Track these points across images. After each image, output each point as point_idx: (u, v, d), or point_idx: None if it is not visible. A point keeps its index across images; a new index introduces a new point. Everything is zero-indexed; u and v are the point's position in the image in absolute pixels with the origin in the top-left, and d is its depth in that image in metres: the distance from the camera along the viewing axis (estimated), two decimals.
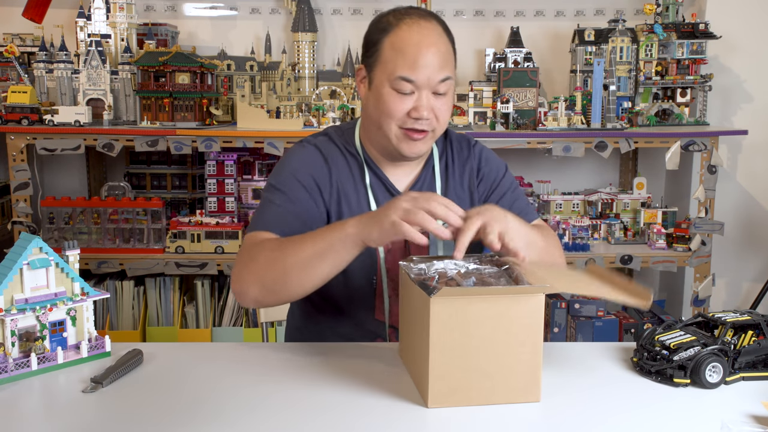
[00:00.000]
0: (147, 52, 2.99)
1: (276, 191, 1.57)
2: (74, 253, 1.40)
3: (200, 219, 3.02)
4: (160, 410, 1.21)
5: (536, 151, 3.21)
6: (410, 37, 1.51)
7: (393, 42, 1.52)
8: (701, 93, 3.29)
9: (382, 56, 1.54)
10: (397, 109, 1.52)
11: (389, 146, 1.58)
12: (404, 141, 1.55)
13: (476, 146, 1.75)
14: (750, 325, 1.36)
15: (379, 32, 1.56)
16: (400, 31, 1.52)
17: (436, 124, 1.55)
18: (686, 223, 3.15)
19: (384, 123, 1.55)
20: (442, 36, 1.54)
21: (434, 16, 1.58)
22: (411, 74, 1.50)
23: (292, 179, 1.58)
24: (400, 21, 1.54)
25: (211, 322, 3.12)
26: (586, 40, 3.30)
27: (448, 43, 1.56)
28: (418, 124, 1.53)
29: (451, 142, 1.73)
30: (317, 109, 3.06)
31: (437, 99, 1.54)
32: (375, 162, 1.65)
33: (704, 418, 1.19)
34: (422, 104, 1.51)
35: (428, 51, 1.50)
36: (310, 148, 1.64)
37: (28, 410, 1.23)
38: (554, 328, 3.17)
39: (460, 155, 1.72)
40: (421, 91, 1.52)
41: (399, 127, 1.54)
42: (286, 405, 1.23)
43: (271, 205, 1.56)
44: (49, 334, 1.36)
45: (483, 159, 1.73)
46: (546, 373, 1.38)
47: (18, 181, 2.93)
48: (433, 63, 1.50)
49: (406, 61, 1.50)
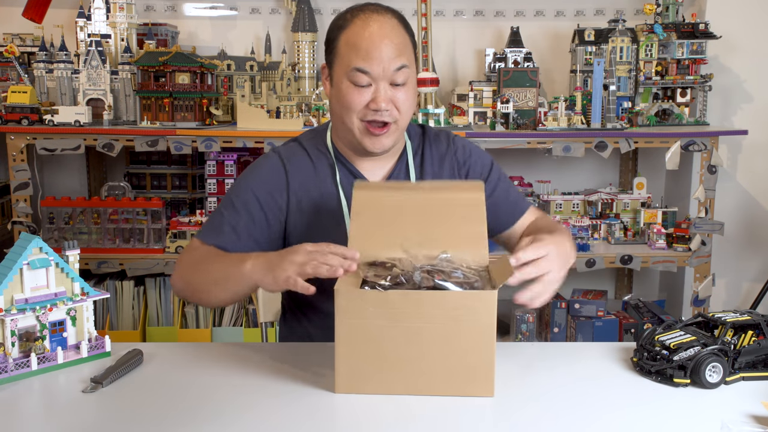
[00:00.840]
0: (147, 52, 2.99)
1: (229, 204, 1.63)
2: (74, 253, 1.40)
3: (200, 219, 3.02)
4: (160, 410, 1.21)
5: (536, 151, 3.21)
6: (363, 31, 1.54)
7: (348, 37, 1.56)
8: (701, 93, 3.29)
9: (339, 52, 1.58)
10: (356, 101, 1.55)
11: (354, 141, 1.61)
12: (367, 136, 1.58)
13: (456, 140, 1.76)
14: (750, 325, 1.36)
15: (336, 29, 1.60)
16: (354, 26, 1.56)
17: (397, 115, 1.57)
18: (686, 223, 3.15)
19: (346, 117, 1.57)
20: (396, 28, 1.56)
21: (390, 11, 1.60)
22: (365, 65, 1.53)
23: (247, 192, 1.63)
24: (354, 17, 1.57)
25: (211, 322, 3.12)
26: (586, 40, 3.30)
27: (404, 35, 1.58)
28: (378, 116, 1.54)
29: (429, 136, 1.74)
30: (317, 109, 3.06)
31: (396, 90, 1.55)
32: (347, 159, 1.67)
33: (704, 418, 1.19)
34: (380, 95, 1.53)
35: (381, 42, 1.53)
36: (272, 159, 1.66)
37: (28, 410, 1.23)
38: (554, 328, 3.17)
39: (438, 149, 1.72)
40: (377, 82, 1.54)
41: (360, 121, 1.56)
42: (286, 405, 1.23)
43: (218, 218, 1.62)
44: (49, 334, 1.36)
45: (467, 151, 1.73)
46: (546, 372, 1.38)
47: (18, 181, 2.93)
48: (387, 53, 1.53)
49: (359, 53, 1.53)
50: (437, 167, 1.71)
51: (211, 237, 1.59)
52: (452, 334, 1.23)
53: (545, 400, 1.25)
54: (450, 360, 1.24)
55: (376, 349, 1.24)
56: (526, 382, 1.33)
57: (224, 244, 1.58)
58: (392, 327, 1.23)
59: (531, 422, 1.18)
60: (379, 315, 1.22)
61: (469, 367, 1.24)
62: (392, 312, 1.22)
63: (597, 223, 3.23)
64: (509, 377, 1.33)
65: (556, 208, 3.28)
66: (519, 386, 1.31)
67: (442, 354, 1.24)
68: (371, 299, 1.22)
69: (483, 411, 1.21)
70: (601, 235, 3.24)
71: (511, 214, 1.73)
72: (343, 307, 1.23)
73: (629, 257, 3.04)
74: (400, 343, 1.23)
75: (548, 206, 3.26)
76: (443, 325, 1.23)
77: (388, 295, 1.23)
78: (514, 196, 1.76)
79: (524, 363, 1.42)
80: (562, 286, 1.41)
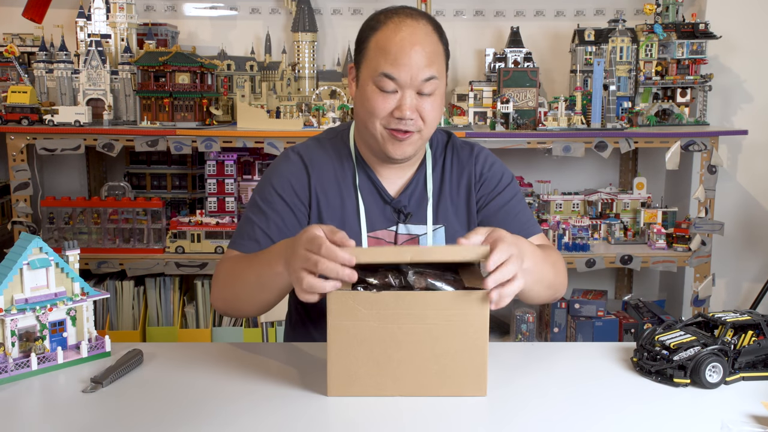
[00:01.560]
0: (147, 52, 2.99)
1: (257, 209, 1.60)
2: (74, 253, 1.40)
3: (200, 219, 3.02)
4: (160, 410, 1.21)
5: (536, 151, 3.21)
6: (394, 35, 1.49)
7: (378, 40, 1.51)
8: (701, 93, 3.29)
9: (368, 54, 1.53)
10: (380, 107, 1.50)
11: (376, 146, 1.57)
12: (390, 141, 1.53)
13: (481, 153, 1.70)
14: (750, 325, 1.36)
15: (368, 30, 1.55)
16: (387, 29, 1.50)
17: (422, 125, 1.52)
18: (686, 223, 3.15)
19: (369, 122, 1.53)
20: (429, 35, 1.51)
21: (425, 16, 1.55)
22: (393, 71, 1.48)
23: (272, 194, 1.60)
24: (388, 19, 1.52)
25: (211, 322, 3.12)
26: (586, 40, 3.30)
27: (437, 43, 1.53)
28: (402, 125, 1.50)
29: (453, 148, 1.70)
30: (317, 109, 3.06)
31: (422, 99, 1.51)
32: (368, 163, 1.64)
33: (704, 418, 1.19)
34: (405, 103, 1.49)
35: (412, 49, 1.47)
36: (292, 157, 1.63)
37: (28, 410, 1.23)
38: (554, 328, 3.17)
39: (459, 161, 1.68)
40: (404, 90, 1.49)
41: (384, 127, 1.52)
42: (287, 404, 1.23)
43: (249, 225, 1.59)
44: (49, 334, 1.36)
45: (486, 164, 1.68)
46: (546, 372, 1.38)
47: (18, 181, 2.93)
48: (416, 61, 1.48)
49: (388, 59, 1.48)
50: (456, 180, 1.66)
51: (245, 246, 1.56)
52: (445, 334, 1.23)
53: (545, 400, 1.25)
54: (443, 360, 1.24)
55: (368, 351, 1.23)
56: (525, 382, 1.33)
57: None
58: (384, 328, 1.22)
59: (531, 422, 1.18)
60: (371, 316, 1.22)
61: (462, 367, 1.24)
62: (384, 313, 1.22)
63: (597, 223, 3.23)
64: (509, 377, 1.33)
65: (556, 208, 3.28)
66: (519, 386, 1.31)
67: (435, 354, 1.24)
68: (363, 300, 1.22)
69: (482, 411, 1.21)
70: (601, 235, 3.24)
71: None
72: (335, 309, 1.22)
73: (629, 257, 3.04)
74: (392, 344, 1.23)
75: (548, 206, 3.27)
76: (436, 326, 1.22)
77: (380, 296, 1.22)
78: (525, 218, 1.68)
79: (524, 363, 1.42)
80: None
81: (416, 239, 1.62)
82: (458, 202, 1.66)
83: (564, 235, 3.10)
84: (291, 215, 1.59)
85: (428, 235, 1.62)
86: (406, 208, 1.62)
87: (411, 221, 1.62)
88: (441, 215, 1.64)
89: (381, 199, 1.63)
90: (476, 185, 1.67)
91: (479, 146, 1.72)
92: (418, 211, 1.63)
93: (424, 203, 1.64)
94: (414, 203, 1.63)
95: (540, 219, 3.18)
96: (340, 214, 1.60)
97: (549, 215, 3.23)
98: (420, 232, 1.63)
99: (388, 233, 1.62)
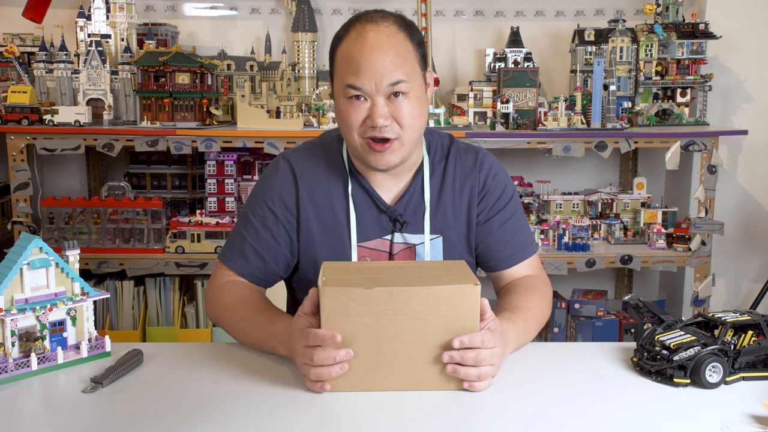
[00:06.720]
0: (147, 52, 2.99)
1: (248, 222, 1.60)
2: (74, 253, 1.40)
3: (200, 219, 3.02)
4: (159, 410, 1.21)
5: (536, 151, 3.21)
6: (355, 43, 1.46)
7: (342, 50, 1.48)
8: (701, 93, 3.29)
9: (336, 66, 1.51)
10: (353, 118, 1.47)
11: (360, 158, 1.54)
12: (370, 153, 1.49)
13: (486, 160, 1.65)
14: (750, 325, 1.36)
15: (335, 41, 1.53)
16: (349, 38, 1.47)
17: (399, 131, 1.47)
18: (686, 223, 3.14)
19: (348, 135, 1.50)
20: (393, 36, 1.46)
21: (391, 17, 1.50)
22: (356, 81, 1.44)
23: (263, 207, 1.60)
24: (350, 27, 1.49)
25: (211, 322, 3.12)
26: (586, 40, 3.30)
27: (404, 42, 1.47)
28: (378, 132, 1.45)
29: (457, 151, 1.64)
30: (317, 109, 3.06)
31: (396, 103, 1.45)
32: (360, 172, 1.60)
33: (704, 418, 1.19)
34: (376, 112, 1.44)
35: (371, 55, 1.43)
36: (282, 167, 1.61)
37: (28, 410, 1.23)
38: (554, 328, 3.17)
39: (462, 167, 1.63)
40: (373, 97, 1.45)
41: (362, 138, 1.48)
42: (287, 404, 1.23)
43: (240, 239, 1.60)
44: (49, 334, 1.36)
45: (491, 173, 1.63)
46: (546, 372, 1.38)
47: (18, 181, 2.93)
48: (379, 67, 1.43)
49: (351, 69, 1.45)
50: (458, 187, 1.62)
51: (237, 264, 1.59)
52: (438, 329, 1.24)
53: (545, 400, 1.25)
54: (436, 355, 1.25)
55: (363, 347, 1.24)
56: (525, 381, 1.33)
57: (252, 270, 1.58)
58: (378, 324, 1.23)
59: (530, 422, 1.18)
60: (364, 312, 1.23)
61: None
62: (377, 309, 1.23)
63: (597, 223, 3.23)
64: (509, 377, 1.33)
65: (556, 208, 3.28)
66: (518, 386, 1.31)
67: (429, 349, 1.25)
68: (356, 297, 1.22)
69: (481, 411, 1.21)
70: (601, 235, 3.24)
71: (505, 258, 1.64)
72: (328, 306, 1.23)
73: (629, 257, 3.04)
74: (386, 339, 1.24)
75: (548, 206, 3.27)
76: (429, 321, 1.24)
77: (373, 292, 1.23)
78: (522, 238, 1.65)
79: (524, 363, 1.42)
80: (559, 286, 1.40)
81: (413, 248, 1.60)
82: (459, 210, 1.62)
83: (564, 235, 3.10)
84: (281, 228, 1.59)
85: (425, 244, 1.59)
86: (402, 217, 1.59)
87: (408, 230, 1.59)
88: (439, 224, 1.60)
89: (376, 208, 1.59)
90: (479, 195, 1.63)
91: (483, 152, 1.67)
92: (414, 220, 1.59)
93: (422, 211, 1.60)
94: (410, 211, 1.60)
95: (540, 219, 3.18)
96: (330, 225, 1.58)
97: (549, 215, 3.23)
98: (417, 242, 1.60)
99: (383, 242, 1.59)
